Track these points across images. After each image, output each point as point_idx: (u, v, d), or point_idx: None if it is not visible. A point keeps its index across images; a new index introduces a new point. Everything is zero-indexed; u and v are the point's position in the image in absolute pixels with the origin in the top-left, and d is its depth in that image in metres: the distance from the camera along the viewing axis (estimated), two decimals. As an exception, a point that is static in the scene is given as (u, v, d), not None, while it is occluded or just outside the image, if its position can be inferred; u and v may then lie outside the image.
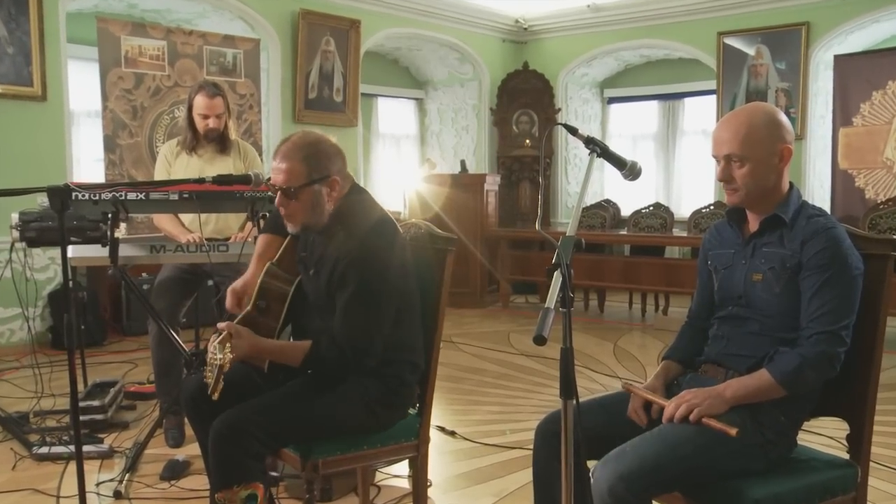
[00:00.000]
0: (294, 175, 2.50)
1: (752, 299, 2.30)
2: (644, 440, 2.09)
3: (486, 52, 10.34)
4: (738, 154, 2.24)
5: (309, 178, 2.51)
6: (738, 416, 2.12)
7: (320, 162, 2.53)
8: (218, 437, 2.42)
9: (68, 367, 2.80)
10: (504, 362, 6.11)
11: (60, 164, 6.61)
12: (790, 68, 8.53)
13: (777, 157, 2.24)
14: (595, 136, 2.24)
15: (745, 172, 2.24)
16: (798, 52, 8.46)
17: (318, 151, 2.54)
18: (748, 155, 2.23)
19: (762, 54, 8.68)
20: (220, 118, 4.14)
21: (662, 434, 2.11)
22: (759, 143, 2.22)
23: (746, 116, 2.27)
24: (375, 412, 2.60)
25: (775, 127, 2.24)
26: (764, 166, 2.24)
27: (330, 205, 2.57)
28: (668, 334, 6.90)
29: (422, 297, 2.74)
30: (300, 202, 2.53)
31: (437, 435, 4.22)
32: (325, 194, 2.54)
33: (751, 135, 2.22)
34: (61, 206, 2.74)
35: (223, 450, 2.42)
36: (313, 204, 2.54)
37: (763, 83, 8.70)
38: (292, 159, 2.51)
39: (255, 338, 2.48)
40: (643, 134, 10.88)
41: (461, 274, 8.23)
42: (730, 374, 2.28)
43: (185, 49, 7.02)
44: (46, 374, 4.84)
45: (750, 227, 2.37)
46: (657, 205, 8.60)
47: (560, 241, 1.89)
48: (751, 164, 2.23)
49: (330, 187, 2.55)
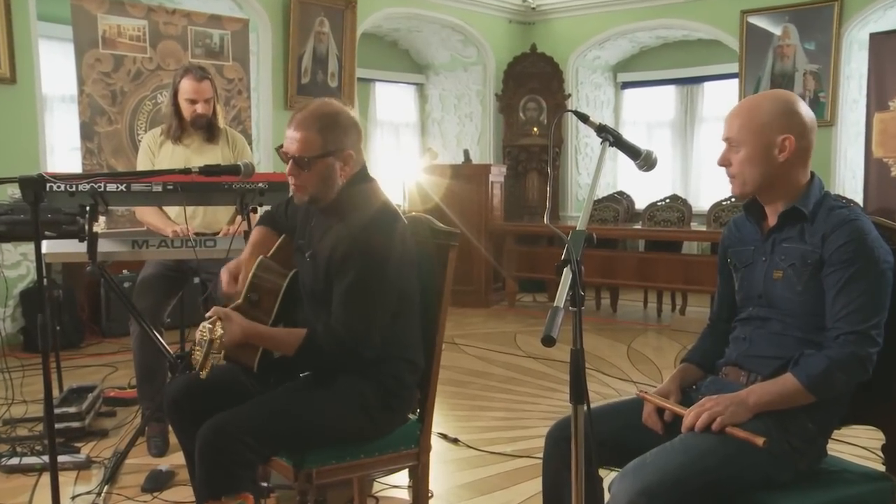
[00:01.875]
0: (308, 145, 2.54)
1: (773, 298, 2.29)
2: (665, 451, 2.08)
3: (491, 34, 10.33)
4: (735, 138, 2.26)
5: (323, 150, 2.55)
6: (763, 423, 2.12)
7: (336, 134, 2.57)
8: (205, 444, 2.41)
9: (42, 371, 2.79)
10: (510, 365, 6.10)
11: (33, 153, 6.60)
12: (820, 49, 8.47)
13: (777, 149, 2.22)
14: (607, 124, 2.24)
15: (740, 158, 2.26)
16: (829, 31, 8.40)
17: (336, 123, 2.58)
18: (743, 140, 2.25)
19: (789, 34, 8.63)
20: (209, 103, 4.13)
21: (685, 445, 2.10)
22: (757, 130, 2.23)
23: (754, 101, 2.30)
24: (373, 416, 2.60)
25: (782, 116, 2.22)
26: (760, 156, 2.23)
27: (342, 178, 2.60)
28: (685, 335, 6.91)
29: (422, 296, 2.75)
30: (312, 173, 2.56)
31: (438, 443, 4.22)
32: (337, 168, 2.58)
33: (752, 120, 2.24)
34: (35, 197, 2.73)
35: (211, 458, 2.41)
36: (325, 176, 2.57)
37: (790, 65, 8.66)
38: (308, 129, 2.54)
39: (246, 322, 2.49)
40: (659, 121, 10.88)
41: (464, 271, 8.24)
42: (751, 378, 2.27)
43: (168, 29, 7.01)
44: (18, 379, 4.85)
45: (769, 222, 2.36)
46: (674, 197, 8.59)
47: (570, 236, 1.89)
48: (746, 151, 2.25)
49: (343, 161, 2.59)
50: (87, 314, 7.07)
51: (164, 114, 4.26)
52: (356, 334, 2.49)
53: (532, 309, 8.74)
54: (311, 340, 2.50)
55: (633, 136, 2.42)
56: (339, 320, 2.50)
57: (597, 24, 10.14)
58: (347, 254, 2.51)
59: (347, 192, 2.62)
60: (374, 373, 2.59)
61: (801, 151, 2.24)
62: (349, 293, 2.50)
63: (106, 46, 6.67)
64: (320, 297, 2.61)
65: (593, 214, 8.66)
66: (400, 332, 2.64)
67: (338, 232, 2.58)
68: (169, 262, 4.08)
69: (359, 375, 2.58)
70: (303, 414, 2.52)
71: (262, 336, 2.54)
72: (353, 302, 2.50)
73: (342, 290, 2.51)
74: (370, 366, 2.58)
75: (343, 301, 2.51)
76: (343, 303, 2.51)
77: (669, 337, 7.23)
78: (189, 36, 7.13)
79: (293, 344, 2.51)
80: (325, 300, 2.57)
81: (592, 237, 1.92)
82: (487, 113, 10.52)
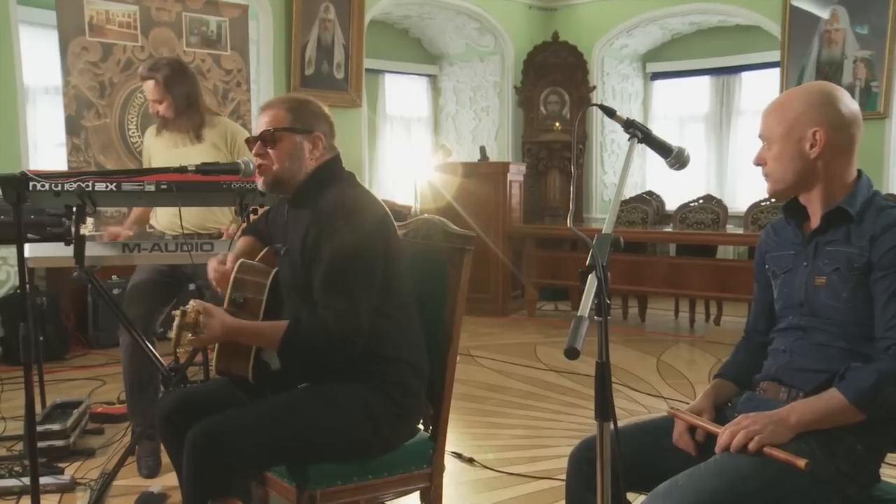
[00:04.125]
0: (276, 119, 2.67)
1: (815, 307, 2.28)
2: (699, 474, 2.06)
3: (509, 21, 10.34)
4: (767, 135, 2.29)
5: (291, 125, 2.67)
6: (806, 444, 2.09)
7: (305, 115, 2.71)
8: (194, 448, 2.42)
9: (24, 384, 2.79)
10: (530, 379, 6.10)
11: (14, 149, 6.61)
12: (874, 33, 8.38)
13: (808, 143, 2.22)
14: (636, 119, 2.24)
15: (773, 156, 2.28)
16: (884, 14, 8.29)
17: (305, 106, 2.73)
18: (774, 137, 2.26)
19: (838, 17, 8.54)
20: (161, 104, 4.09)
21: (720, 467, 2.09)
22: (787, 124, 2.24)
23: (786, 95, 2.31)
24: (378, 426, 2.60)
25: (813, 109, 2.22)
26: (791, 152, 2.24)
27: (310, 163, 2.69)
28: (720, 348, 6.89)
29: (434, 305, 2.76)
30: (278, 150, 2.66)
31: (452, 462, 4.21)
32: (305, 149, 2.69)
33: (782, 115, 2.25)
34: (17, 197, 2.74)
35: (199, 462, 2.42)
36: (290, 154, 2.67)
37: (838, 52, 8.57)
38: (277, 107, 2.70)
39: (227, 317, 2.52)
40: (692, 115, 10.87)
41: (480, 277, 8.23)
42: (793, 394, 2.25)
43: (161, 16, 7.05)
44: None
45: (811, 224, 2.35)
46: (708, 197, 8.57)
47: (595, 240, 1.89)
48: (777, 147, 2.26)
49: (312, 143, 2.69)
50: (73, 323, 7.09)
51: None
52: (341, 315, 2.49)
53: (554, 318, 8.73)
54: (296, 329, 2.51)
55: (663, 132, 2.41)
56: (322, 303, 2.52)
57: (624, 9, 10.13)
58: (320, 235, 2.55)
59: (316, 179, 2.69)
60: (374, 378, 2.61)
61: (837, 146, 2.23)
62: (327, 275, 2.53)
63: (93, 34, 6.71)
64: (302, 291, 2.64)
65: (620, 216, 8.66)
66: (398, 333, 2.66)
67: (307, 218, 2.63)
68: (162, 266, 4.08)
69: (360, 382, 2.59)
70: (303, 420, 2.52)
71: (244, 330, 2.55)
72: (332, 283, 2.52)
73: (320, 275, 2.54)
74: (368, 369, 2.59)
75: (322, 285, 2.53)
76: (323, 286, 2.53)
77: (703, 349, 7.21)
78: (183, 23, 7.16)
79: (277, 336, 2.51)
80: (308, 293, 2.60)
81: (619, 241, 1.91)
82: (505, 107, 10.53)
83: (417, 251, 2.90)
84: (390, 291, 2.62)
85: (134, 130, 6.91)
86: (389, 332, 2.63)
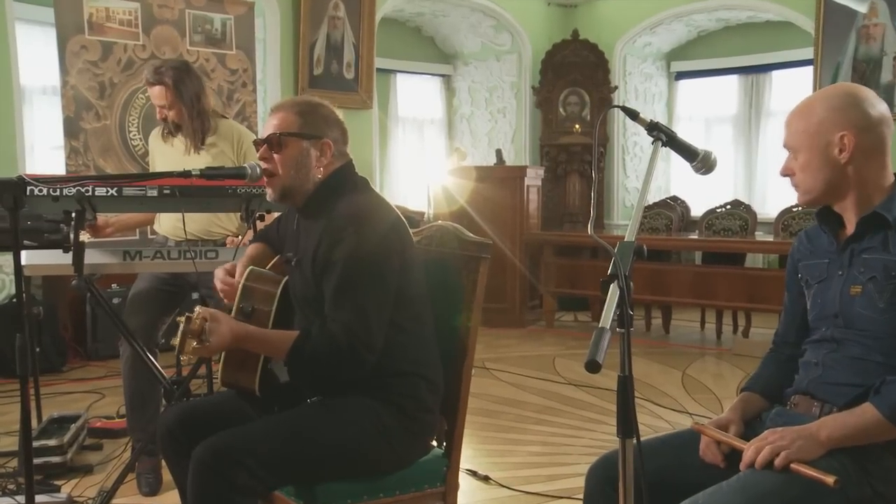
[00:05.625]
0: (284, 123, 2.68)
1: (851, 318, 2.27)
2: (721, 492, 2.06)
3: (527, 18, 10.36)
4: (791, 144, 2.29)
5: (299, 130, 2.67)
6: (837, 462, 2.08)
7: (315, 120, 2.70)
8: (199, 467, 2.42)
9: (20, 398, 2.79)
10: (548, 393, 6.09)
11: (10, 153, 6.64)
12: (916, 28, 8.29)
13: (837, 148, 2.22)
14: (659, 121, 2.25)
15: (800, 165, 2.28)
16: (930, 7, 8.18)
17: (315, 111, 2.73)
18: (799, 145, 2.27)
19: (877, 11, 8.43)
20: (170, 110, 4.13)
21: (743, 483, 2.08)
22: (812, 131, 2.23)
23: (808, 100, 2.31)
24: (391, 442, 2.60)
25: (836, 112, 2.22)
26: (820, 159, 2.24)
27: (318, 170, 2.69)
28: (748, 361, 6.87)
29: (448, 315, 2.75)
30: (284, 156, 2.66)
31: (467, 480, 4.21)
32: (313, 156, 2.68)
33: (805, 121, 2.25)
34: (14, 203, 2.74)
35: (205, 482, 2.42)
36: (298, 161, 2.67)
37: (877, 49, 8.45)
38: (286, 110, 2.71)
39: (235, 323, 2.52)
40: (719, 116, 10.86)
41: (497, 286, 8.22)
42: (826, 409, 2.24)
43: (163, 13, 7.08)
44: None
45: (846, 231, 2.35)
46: (736, 203, 8.56)
47: (617, 248, 1.90)
48: (804, 156, 2.26)
49: (320, 151, 2.69)
50: (71, 334, 7.11)
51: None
52: (352, 331, 2.48)
53: (573, 330, 8.73)
54: (305, 342, 2.51)
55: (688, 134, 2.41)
56: (333, 318, 2.51)
57: (648, 5, 10.14)
58: (332, 246, 2.55)
59: (327, 188, 2.69)
60: (387, 393, 2.61)
61: (867, 148, 2.22)
62: (339, 288, 2.53)
63: (93, 32, 6.74)
64: (313, 304, 2.64)
65: (643, 223, 8.64)
66: (412, 345, 2.66)
67: (319, 228, 2.63)
68: (164, 275, 4.10)
69: (372, 396, 2.59)
70: (313, 436, 2.52)
71: (251, 337, 2.55)
72: (343, 296, 2.52)
73: (332, 287, 2.54)
74: (381, 383, 2.59)
75: (334, 297, 2.53)
76: (334, 299, 2.53)
77: (730, 363, 7.19)
78: (187, 21, 7.19)
79: (285, 347, 2.52)
80: (319, 306, 2.59)
81: (643, 249, 1.92)
82: (523, 108, 10.54)
83: (431, 259, 2.90)
84: (404, 302, 2.62)
85: (135, 133, 6.94)
86: (403, 345, 2.63)
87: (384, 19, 9.17)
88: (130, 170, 6.80)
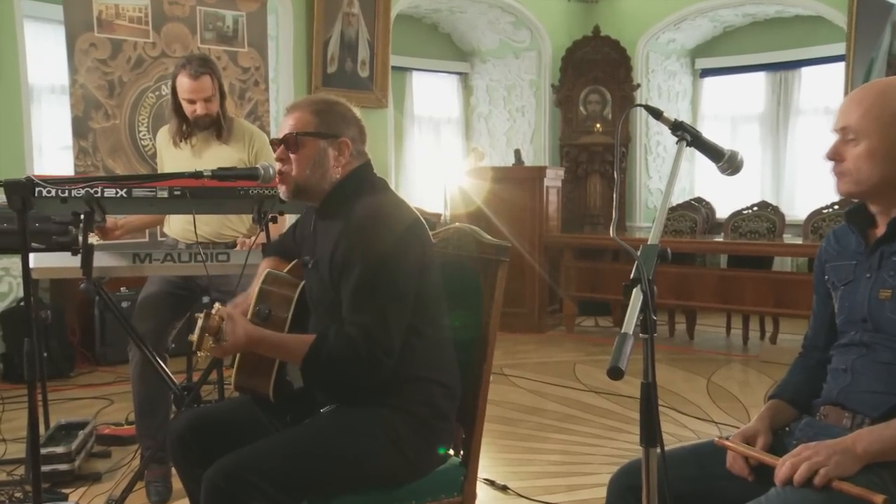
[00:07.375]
0: (301, 123, 2.69)
1: (880, 322, 2.25)
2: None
3: (546, 15, 10.36)
4: (855, 127, 2.20)
5: (316, 129, 2.68)
6: (877, 477, 2.05)
7: (332, 118, 2.71)
8: (212, 490, 2.42)
9: (27, 404, 2.81)
10: (568, 400, 6.09)
11: (18, 153, 6.66)
12: (956, 21, 8.23)
13: None
14: (684, 120, 2.23)
15: (859, 153, 2.20)
16: (969, -1, 8.15)
17: (332, 109, 2.73)
18: (867, 131, 2.19)
19: (915, 3, 8.38)
20: (211, 102, 4.14)
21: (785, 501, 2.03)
22: (888, 120, 2.17)
23: (884, 85, 2.23)
24: (406, 452, 2.60)
25: None
26: (887, 151, 2.18)
27: (336, 170, 2.69)
28: (776, 368, 6.84)
29: (466, 320, 2.75)
30: (300, 155, 2.67)
31: (485, 490, 4.21)
32: (330, 156, 2.69)
33: (882, 107, 2.18)
34: (22, 204, 2.76)
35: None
36: (314, 161, 2.67)
37: (914, 43, 8.43)
38: (303, 109, 2.72)
39: (250, 326, 2.53)
40: (746, 115, 10.83)
41: (515, 290, 8.21)
42: (857, 420, 2.22)
43: (174, 10, 7.10)
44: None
45: (877, 231, 2.32)
46: (763, 204, 8.54)
47: (640, 251, 1.89)
48: (868, 144, 2.19)
49: (338, 150, 2.69)
50: (79, 338, 7.13)
51: (168, 111, 4.29)
52: (371, 334, 2.48)
53: (594, 335, 8.71)
54: (321, 346, 2.50)
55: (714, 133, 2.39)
56: (351, 321, 2.51)
57: (671, 1, 10.13)
58: (350, 248, 2.56)
59: (344, 188, 2.69)
60: (404, 400, 2.60)
61: None
62: (357, 291, 2.53)
63: (102, 29, 6.76)
64: (330, 308, 2.64)
65: (667, 225, 8.63)
66: (429, 350, 2.66)
67: (337, 230, 2.63)
68: (175, 278, 4.11)
69: (386, 403, 2.58)
70: (327, 452, 2.52)
71: (266, 341, 2.56)
72: (361, 299, 2.52)
73: (349, 290, 2.54)
74: (396, 389, 2.59)
75: (351, 301, 2.53)
76: (352, 302, 2.53)
77: (757, 370, 7.16)
78: (198, 18, 7.20)
79: (301, 351, 2.52)
80: (335, 309, 2.60)
81: (666, 252, 1.91)
82: (542, 107, 10.54)
83: (448, 263, 2.90)
84: (422, 306, 2.62)
85: (145, 132, 6.96)
86: (419, 350, 2.62)
87: (400, 16, 9.18)
88: (140, 170, 6.82)
